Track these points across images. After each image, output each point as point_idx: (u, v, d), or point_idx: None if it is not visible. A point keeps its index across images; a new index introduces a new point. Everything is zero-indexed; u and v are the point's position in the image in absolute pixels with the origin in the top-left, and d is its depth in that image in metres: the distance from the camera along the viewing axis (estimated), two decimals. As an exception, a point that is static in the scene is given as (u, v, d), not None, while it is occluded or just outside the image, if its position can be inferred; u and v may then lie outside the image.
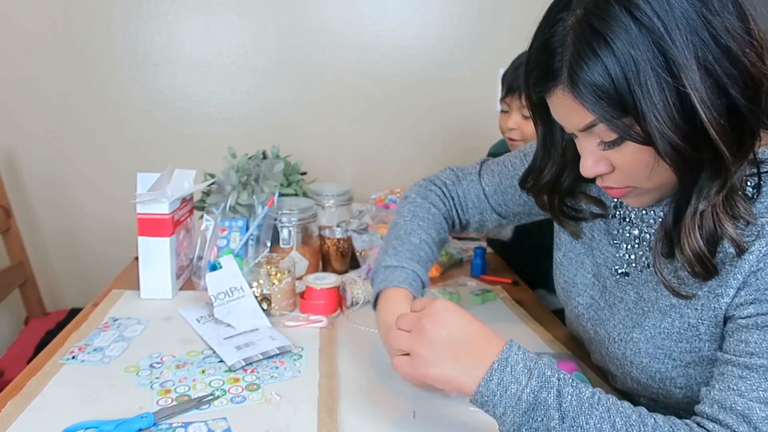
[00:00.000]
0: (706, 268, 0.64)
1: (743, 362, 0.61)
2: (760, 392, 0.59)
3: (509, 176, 0.97)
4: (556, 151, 0.79)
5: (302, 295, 1.12)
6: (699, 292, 0.67)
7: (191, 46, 1.93)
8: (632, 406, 0.62)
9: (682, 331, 0.69)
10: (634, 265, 0.79)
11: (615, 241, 0.83)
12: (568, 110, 0.64)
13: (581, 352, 0.96)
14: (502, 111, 1.48)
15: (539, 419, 0.61)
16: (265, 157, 1.45)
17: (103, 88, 1.93)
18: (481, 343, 0.65)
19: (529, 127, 1.40)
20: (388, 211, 1.55)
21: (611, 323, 0.79)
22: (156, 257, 1.13)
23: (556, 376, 0.62)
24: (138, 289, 1.15)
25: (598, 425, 0.59)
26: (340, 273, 1.25)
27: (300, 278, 1.17)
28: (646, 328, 0.73)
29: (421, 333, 0.67)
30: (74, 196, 2.00)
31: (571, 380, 0.62)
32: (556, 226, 0.93)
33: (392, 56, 1.99)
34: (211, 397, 0.80)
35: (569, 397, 0.61)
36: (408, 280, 0.88)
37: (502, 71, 1.98)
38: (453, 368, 0.65)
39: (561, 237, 0.92)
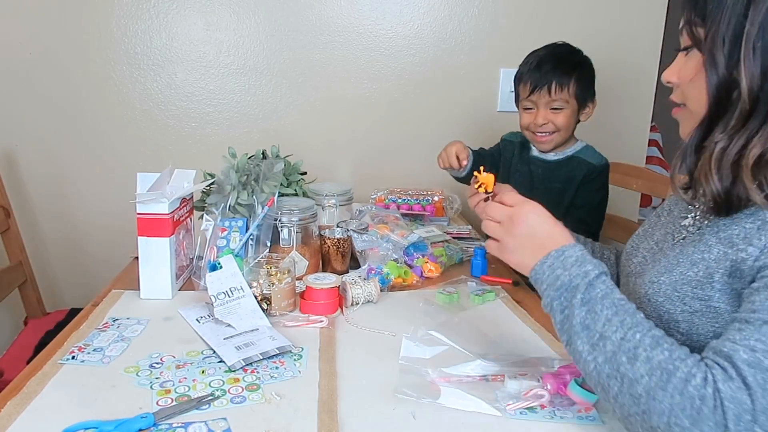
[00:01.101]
0: (718, 205, 0.74)
1: (744, 317, 0.67)
2: (751, 340, 0.65)
3: None
4: None
5: (302, 295, 1.12)
6: (728, 251, 0.73)
7: (191, 46, 1.93)
8: (648, 321, 0.71)
9: (701, 279, 0.76)
10: (691, 229, 0.84)
11: (683, 214, 0.89)
12: (681, 19, 0.78)
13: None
14: (526, 109, 1.53)
15: (567, 298, 0.75)
16: (265, 157, 1.45)
17: (102, 88, 1.93)
18: (553, 240, 0.79)
19: (560, 118, 1.50)
20: (388, 211, 1.55)
21: (649, 273, 0.85)
22: (156, 257, 1.13)
23: (596, 272, 0.75)
24: (138, 289, 1.15)
25: (610, 316, 0.71)
26: (340, 273, 1.25)
27: (300, 278, 1.17)
28: (674, 274, 0.79)
29: (510, 228, 0.83)
30: (74, 196, 2.00)
31: (606, 282, 0.74)
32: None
33: (392, 56, 1.99)
34: (211, 398, 0.80)
35: (598, 290, 0.73)
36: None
37: (502, 71, 2.00)
38: (527, 257, 0.81)
39: (651, 215, 1.00)
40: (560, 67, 1.47)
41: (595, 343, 0.71)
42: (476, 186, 0.97)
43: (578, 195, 1.53)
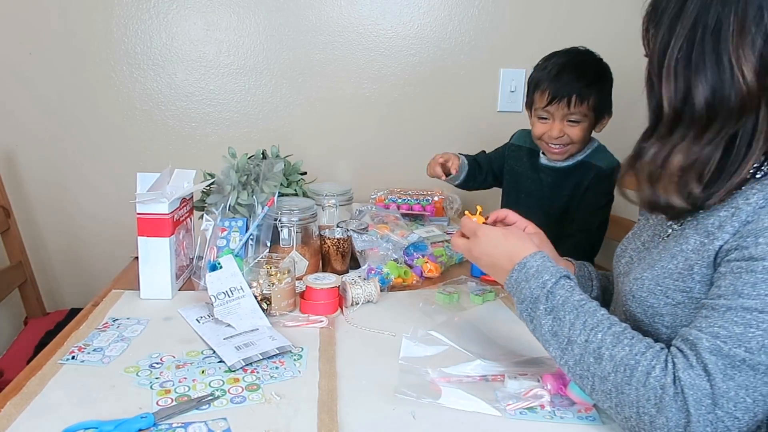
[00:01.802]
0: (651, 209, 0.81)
1: (711, 304, 0.70)
2: (715, 328, 0.68)
3: None
4: None
5: (302, 295, 1.12)
6: (705, 240, 0.75)
7: (191, 46, 1.93)
8: (609, 315, 0.76)
9: (681, 271, 0.77)
10: (676, 227, 0.85)
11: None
12: None
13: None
14: (541, 119, 1.48)
15: (532, 309, 0.80)
16: (265, 157, 1.45)
17: (103, 88, 1.93)
18: (511, 256, 0.85)
19: (576, 131, 1.45)
20: (388, 211, 1.55)
21: (635, 270, 0.86)
22: (156, 257, 1.13)
23: (553, 280, 0.79)
24: (138, 289, 1.15)
25: (573, 320, 0.76)
26: (340, 273, 1.25)
27: (300, 278, 1.17)
28: (656, 269, 0.81)
29: (474, 242, 0.91)
30: (74, 195, 2.00)
31: (566, 286, 0.79)
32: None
33: (392, 56, 1.99)
34: (211, 398, 0.80)
35: (558, 297, 0.78)
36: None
37: (502, 71, 2.00)
38: (492, 272, 0.89)
39: (640, 220, 1.02)
40: (582, 79, 1.40)
41: (564, 348, 0.76)
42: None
43: (584, 198, 1.51)
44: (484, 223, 0.96)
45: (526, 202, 1.59)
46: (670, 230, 0.87)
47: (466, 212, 0.99)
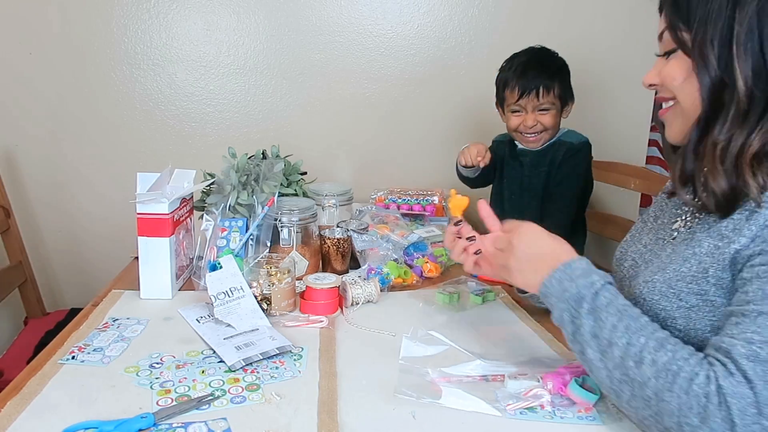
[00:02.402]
0: (718, 203, 0.74)
1: (740, 310, 0.68)
2: (747, 333, 0.65)
3: None
4: None
5: (302, 295, 1.12)
6: (719, 243, 0.74)
7: (191, 46, 1.93)
8: (653, 323, 0.73)
9: (695, 274, 0.76)
10: (682, 231, 0.85)
11: (672, 219, 0.90)
12: (661, 19, 0.79)
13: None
14: (514, 112, 1.62)
15: (576, 309, 0.75)
16: (265, 157, 1.45)
17: (102, 88, 1.93)
18: (556, 255, 0.81)
19: (547, 118, 1.59)
20: (388, 211, 1.55)
21: (643, 274, 0.85)
22: (156, 257, 1.13)
23: (601, 282, 0.76)
24: (138, 289, 1.15)
25: (615, 323, 0.72)
26: (340, 273, 1.25)
27: (300, 278, 1.17)
28: (668, 272, 0.79)
29: (512, 251, 0.84)
30: (74, 195, 2.00)
31: (611, 290, 0.76)
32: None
33: (392, 56, 1.99)
34: (211, 398, 0.80)
35: (603, 298, 0.75)
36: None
37: (502, 71, 1.99)
38: (531, 274, 0.82)
39: (637, 223, 1.01)
40: (545, 72, 1.57)
41: (604, 350, 0.72)
42: (451, 208, 0.99)
43: (559, 171, 1.62)
44: (459, 221, 0.95)
45: (509, 186, 1.72)
46: (675, 233, 0.86)
47: (452, 191, 0.99)
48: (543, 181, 1.64)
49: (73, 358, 0.91)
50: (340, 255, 1.28)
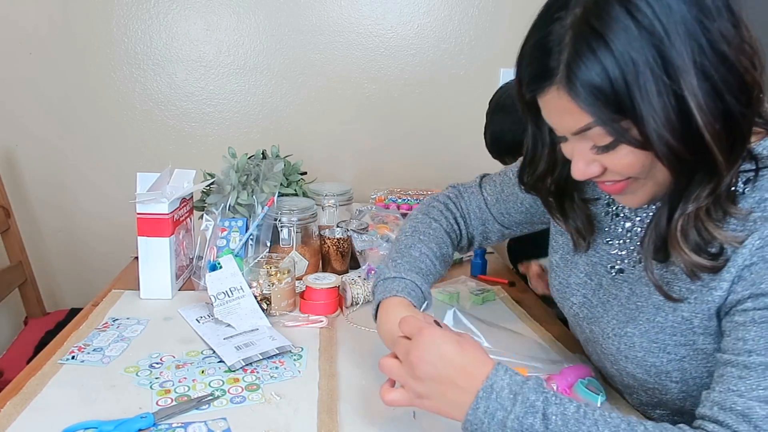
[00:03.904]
0: (703, 271, 0.65)
1: (742, 361, 0.61)
2: (760, 391, 0.58)
3: (510, 184, 0.97)
4: (546, 151, 0.78)
5: (302, 295, 1.12)
6: (692, 287, 0.67)
7: (191, 46, 1.93)
8: (621, 416, 0.61)
9: (675, 325, 0.69)
10: (627, 261, 0.79)
11: (608, 239, 0.83)
12: (562, 112, 0.63)
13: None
14: None
15: None
16: (264, 157, 1.45)
17: (102, 87, 1.93)
18: (468, 373, 0.65)
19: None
20: (388, 211, 1.55)
21: (605, 319, 0.79)
22: (156, 257, 1.13)
23: (542, 398, 0.62)
24: (138, 289, 1.15)
25: None
26: (340, 273, 1.25)
27: (300, 278, 1.17)
28: (640, 322, 0.73)
29: (411, 367, 0.67)
30: (74, 195, 2.00)
31: (555, 399, 0.62)
32: (552, 229, 0.93)
33: (392, 56, 1.99)
34: (210, 398, 0.80)
35: (554, 417, 0.60)
36: (406, 289, 0.87)
37: (502, 71, 2.00)
38: (442, 401, 0.66)
39: (557, 240, 0.92)
40: None
41: None
42: None
43: None
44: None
45: None
46: (621, 264, 0.79)
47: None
48: None
49: (73, 358, 0.91)
50: (340, 255, 1.28)
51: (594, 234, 0.84)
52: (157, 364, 0.90)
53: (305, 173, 1.51)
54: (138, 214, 1.12)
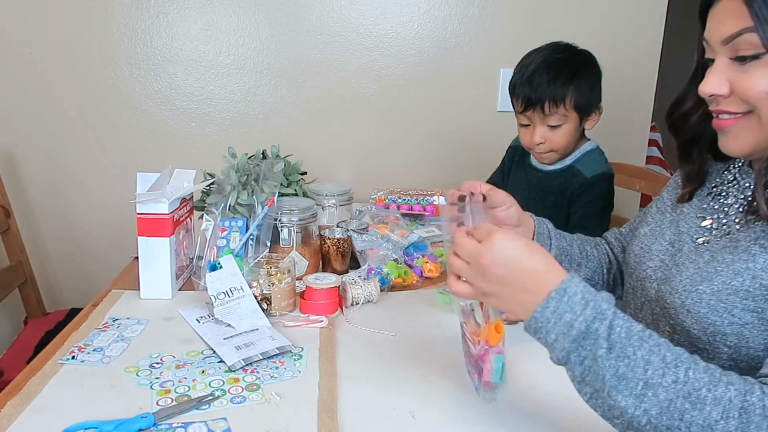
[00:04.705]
0: None
1: None
2: None
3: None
4: (695, 89, 0.80)
5: (302, 295, 1.12)
6: (765, 249, 0.69)
7: (191, 46, 1.93)
8: (683, 350, 0.62)
9: (751, 290, 0.71)
10: (715, 233, 0.81)
11: (701, 215, 0.85)
12: (724, 15, 0.68)
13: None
14: (522, 125, 1.41)
15: (588, 347, 0.61)
16: (265, 157, 1.45)
17: (102, 87, 1.93)
18: (537, 278, 0.65)
19: (558, 136, 1.37)
20: (388, 211, 1.55)
21: (677, 279, 0.80)
22: (156, 257, 1.13)
23: (612, 310, 0.62)
24: (138, 289, 1.15)
25: (647, 357, 0.59)
26: (340, 273, 1.25)
27: (300, 278, 1.17)
28: (715, 283, 0.74)
29: (480, 271, 0.67)
30: (74, 195, 2.00)
31: (624, 316, 0.62)
32: (652, 207, 0.97)
33: (392, 56, 1.99)
34: (211, 398, 0.80)
35: (619, 329, 0.61)
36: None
37: (502, 71, 2.00)
38: (508, 301, 0.67)
39: (651, 211, 0.97)
40: (556, 81, 1.32)
41: (640, 394, 0.59)
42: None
43: (572, 209, 1.42)
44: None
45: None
46: (708, 235, 0.81)
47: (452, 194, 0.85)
48: (550, 212, 1.35)
49: (73, 358, 0.91)
50: (340, 255, 1.28)
51: (700, 186, 0.88)
52: (157, 364, 0.90)
53: (305, 173, 1.51)
54: (138, 214, 1.12)
